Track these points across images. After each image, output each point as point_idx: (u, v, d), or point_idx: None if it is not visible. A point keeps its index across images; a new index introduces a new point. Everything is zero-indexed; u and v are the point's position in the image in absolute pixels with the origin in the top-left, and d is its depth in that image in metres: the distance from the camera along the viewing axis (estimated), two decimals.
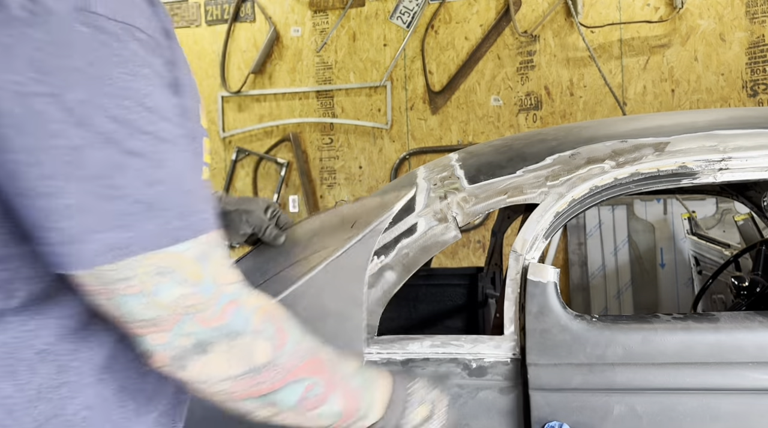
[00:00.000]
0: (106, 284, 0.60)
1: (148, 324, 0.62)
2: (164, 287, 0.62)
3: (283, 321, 0.71)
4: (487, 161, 1.47)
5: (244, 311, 0.67)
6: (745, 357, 1.18)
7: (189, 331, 0.63)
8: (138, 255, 0.60)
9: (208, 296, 0.64)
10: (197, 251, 0.63)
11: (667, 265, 3.80)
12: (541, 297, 1.23)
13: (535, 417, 1.19)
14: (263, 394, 0.69)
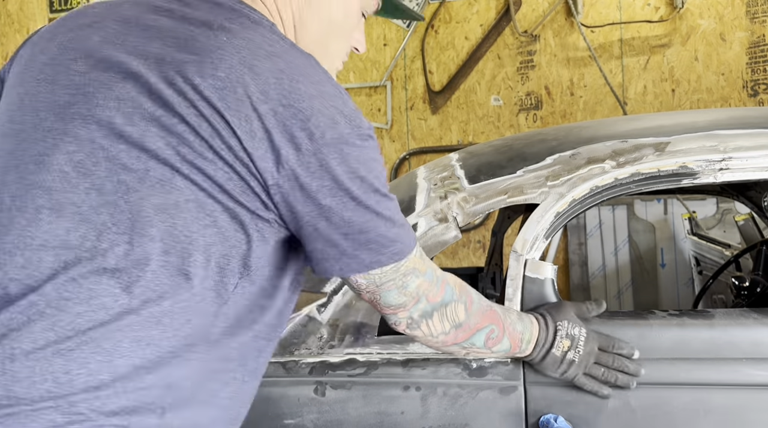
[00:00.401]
0: (378, 286, 0.92)
1: (398, 306, 0.96)
2: (408, 282, 0.94)
3: (469, 290, 1.05)
4: (488, 161, 1.47)
5: (449, 286, 1.01)
6: (739, 353, 1.19)
7: (422, 307, 0.97)
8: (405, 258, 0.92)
9: (431, 280, 0.97)
10: (419, 253, 0.96)
11: (668, 265, 3.81)
12: (539, 293, 1.24)
13: (531, 410, 1.21)
14: (464, 340, 1.05)
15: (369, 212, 0.87)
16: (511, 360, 1.24)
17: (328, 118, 0.82)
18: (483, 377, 1.24)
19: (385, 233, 0.89)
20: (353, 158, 0.85)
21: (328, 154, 0.82)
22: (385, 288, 0.93)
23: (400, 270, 0.92)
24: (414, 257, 0.94)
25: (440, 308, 0.99)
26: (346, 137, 0.84)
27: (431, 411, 1.23)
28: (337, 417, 1.25)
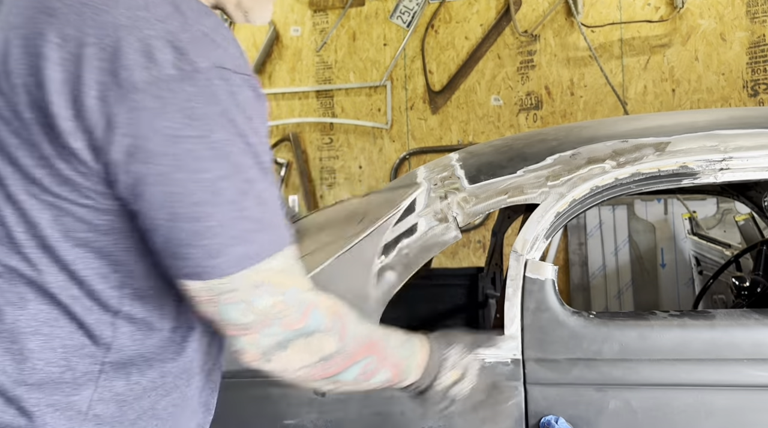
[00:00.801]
0: (216, 295, 0.73)
1: (242, 327, 0.75)
2: (260, 298, 0.74)
3: (345, 316, 0.84)
4: (488, 161, 1.47)
5: (318, 313, 0.80)
6: (740, 353, 1.19)
7: (275, 333, 0.76)
8: (256, 265, 0.72)
9: (292, 303, 0.77)
10: (283, 265, 0.76)
11: (668, 265, 3.80)
12: (539, 294, 1.24)
13: (532, 411, 1.20)
14: (330, 376, 0.83)
15: (204, 187, 0.69)
16: (511, 360, 1.23)
17: (143, 52, 0.67)
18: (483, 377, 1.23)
19: (228, 226, 0.71)
20: (178, 106, 0.67)
21: (141, 101, 0.67)
22: (224, 300, 0.73)
23: (251, 279, 0.73)
24: (275, 267, 0.74)
25: (300, 339, 0.78)
26: (169, 75, 0.67)
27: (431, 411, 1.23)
28: (337, 417, 1.25)
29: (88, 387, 0.77)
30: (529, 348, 1.23)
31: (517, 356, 1.23)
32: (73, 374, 0.76)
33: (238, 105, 0.71)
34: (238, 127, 0.70)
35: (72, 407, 0.76)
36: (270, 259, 0.74)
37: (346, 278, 1.25)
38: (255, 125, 0.73)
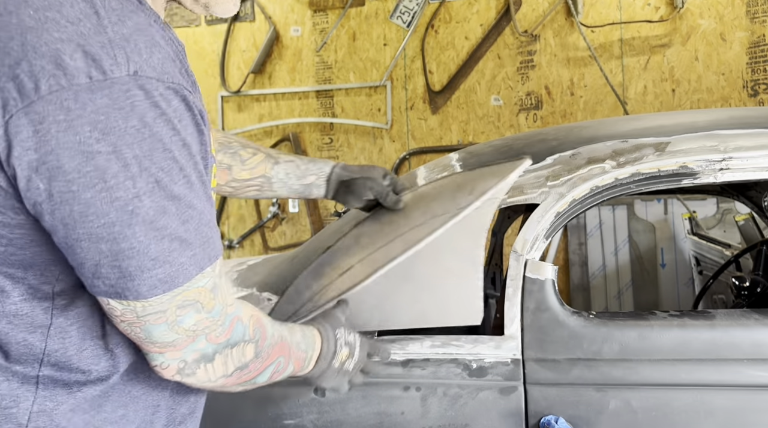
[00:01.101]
0: (140, 317, 0.70)
1: (167, 345, 0.74)
2: (184, 317, 0.72)
3: (264, 323, 0.86)
4: (488, 161, 1.47)
5: (243, 324, 0.81)
6: (740, 353, 1.19)
7: (199, 347, 0.76)
8: (179, 287, 0.70)
9: (217, 318, 0.76)
10: (211, 283, 0.74)
11: (668, 265, 3.80)
12: (539, 294, 1.24)
13: (532, 411, 1.20)
14: (246, 381, 0.85)
15: (117, 208, 0.64)
16: (511, 360, 1.24)
17: (49, 57, 0.60)
18: (483, 377, 1.23)
19: (141, 249, 0.66)
20: (88, 119, 0.61)
21: (49, 112, 0.60)
22: (149, 321, 0.71)
23: (175, 301, 0.70)
24: (197, 288, 0.72)
25: (224, 350, 0.79)
26: (79, 85, 0.61)
27: (431, 411, 1.23)
28: (337, 417, 1.25)
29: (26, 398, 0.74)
30: (529, 348, 1.23)
31: (517, 356, 1.23)
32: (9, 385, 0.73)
33: (161, 116, 0.65)
34: (160, 141, 0.65)
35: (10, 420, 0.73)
36: (196, 279, 0.71)
37: (458, 243, 1.26)
38: (182, 136, 0.67)
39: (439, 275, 1.25)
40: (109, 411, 0.78)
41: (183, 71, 0.72)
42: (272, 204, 4.37)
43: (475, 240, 1.25)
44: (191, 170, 0.69)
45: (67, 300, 0.75)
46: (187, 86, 0.70)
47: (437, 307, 1.24)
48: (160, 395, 0.85)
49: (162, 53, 0.67)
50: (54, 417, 0.74)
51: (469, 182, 1.31)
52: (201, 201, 0.71)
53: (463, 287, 1.24)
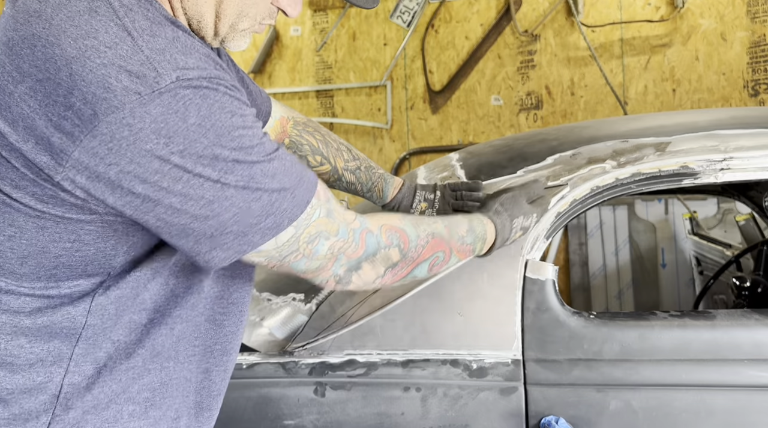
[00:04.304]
0: (281, 260, 0.81)
1: (315, 270, 0.85)
2: (317, 248, 0.83)
3: (402, 228, 0.94)
4: (488, 161, 1.47)
5: (374, 234, 0.90)
6: (741, 354, 1.19)
7: (343, 264, 0.87)
8: (287, 229, 0.78)
9: (346, 237, 0.86)
10: (323, 211, 0.83)
11: (669, 265, 3.80)
12: (540, 294, 1.24)
13: (532, 411, 1.20)
14: (403, 277, 0.96)
15: (208, 188, 0.72)
16: (511, 361, 1.23)
17: (97, 83, 0.66)
18: (483, 378, 1.23)
19: (245, 210, 0.75)
20: (151, 125, 0.67)
21: (114, 131, 0.67)
22: (290, 260, 0.82)
23: (301, 239, 0.81)
24: (314, 221, 0.82)
25: (367, 259, 0.89)
26: (130, 100, 0.67)
27: (431, 412, 1.22)
28: (337, 418, 1.24)
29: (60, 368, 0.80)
30: (530, 349, 1.23)
31: (517, 356, 1.23)
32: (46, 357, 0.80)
33: (214, 104, 0.71)
34: (222, 126, 0.71)
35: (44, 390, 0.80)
36: (306, 214, 0.80)
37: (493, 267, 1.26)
38: (240, 114, 0.74)
39: (471, 298, 1.25)
40: (134, 392, 0.84)
41: (220, 67, 0.78)
42: None
43: (510, 264, 1.25)
44: (257, 135, 0.76)
45: (112, 284, 0.81)
46: (227, 78, 0.76)
47: (468, 330, 1.24)
48: (187, 386, 0.90)
49: (197, 54, 0.73)
50: (82, 391, 0.81)
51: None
52: (277, 150, 0.79)
53: (496, 311, 1.24)
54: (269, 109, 1.26)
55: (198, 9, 0.84)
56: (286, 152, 0.82)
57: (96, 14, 0.69)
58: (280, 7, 0.90)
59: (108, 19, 0.69)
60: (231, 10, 0.84)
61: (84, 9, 0.69)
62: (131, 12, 0.71)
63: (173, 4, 0.84)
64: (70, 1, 0.70)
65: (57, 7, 0.70)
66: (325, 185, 0.88)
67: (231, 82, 0.76)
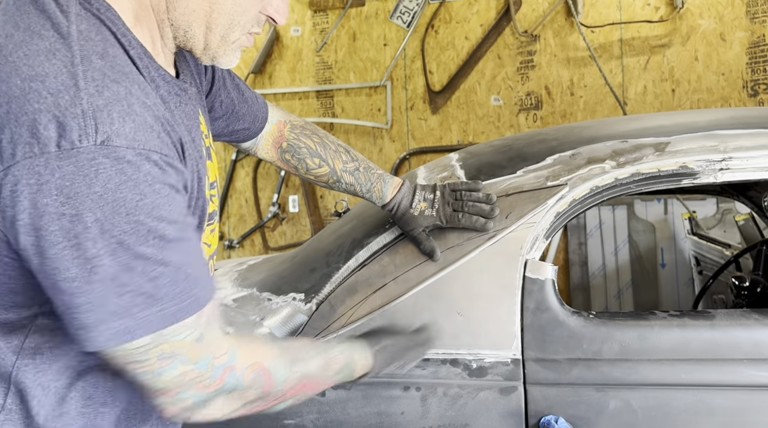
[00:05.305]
0: (125, 363, 0.75)
1: (158, 391, 0.77)
2: (167, 369, 0.76)
3: (271, 370, 0.88)
4: (488, 161, 1.47)
5: (236, 374, 0.83)
6: (740, 353, 1.19)
7: (190, 395, 0.79)
8: (141, 338, 0.73)
9: (206, 370, 0.79)
10: (196, 335, 0.77)
11: (668, 265, 3.80)
12: (539, 294, 1.24)
13: (532, 411, 1.20)
14: (262, 410, 0.89)
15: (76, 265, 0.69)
16: (511, 360, 1.23)
17: (27, 126, 0.67)
18: (483, 377, 1.23)
19: (99, 303, 0.70)
20: (57, 181, 0.66)
21: (23, 176, 0.67)
22: (134, 368, 0.75)
23: (153, 352, 0.74)
24: (178, 341, 0.75)
25: (219, 397, 0.82)
26: (50, 153, 0.66)
27: (431, 411, 1.23)
28: (337, 417, 1.25)
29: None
30: (529, 348, 1.23)
31: (517, 356, 1.23)
32: None
33: (127, 181, 0.69)
34: (123, 205, 0.69)
35: None
36: (172, 331, 0.74)
37: (492, 267, 1.26)
38: (151, 200, 0.71)
39: (471, 298, 1.25)
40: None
41: (164, 134, 0.76)
42: (272, 204, 4.38)
43: (509, 264, 1.25)
44: (165, 230, 0.72)
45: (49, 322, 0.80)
46: (162, 150, 0.73)
47: (468, 330, 1.25)
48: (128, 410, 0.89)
49: (137, 121, 0.71)
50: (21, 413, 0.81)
51: (506, 207, 1.31)
52: (180, 255, 0.74)
53: (495, 311, 1.24)
54: (266, 114, 1.26)
55: (186, 19, 0.83)
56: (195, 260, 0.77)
57: (53, 57, 0.69)
58: (268, 14, 0.89)
59: (62, 65, 0.69)
60: (222, 19, 0.84)
61: (43, 50, 0.69)
62: (88, 61, 0.70)
63: (158, 17, 0.83)
64: (33, 39, 0.70)
65: (19, 45, 0.70)
66: (216, 310, 0.82)
67: (167, 159, 0.74)
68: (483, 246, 1.26)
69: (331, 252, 1.47)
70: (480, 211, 1.28)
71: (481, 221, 1.27)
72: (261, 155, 1.29)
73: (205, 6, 0.82)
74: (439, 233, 1.31)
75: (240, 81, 1.20)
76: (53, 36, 0.70)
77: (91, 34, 0.73)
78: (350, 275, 1.36)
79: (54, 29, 0.71)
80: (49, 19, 0.72)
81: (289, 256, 1.75)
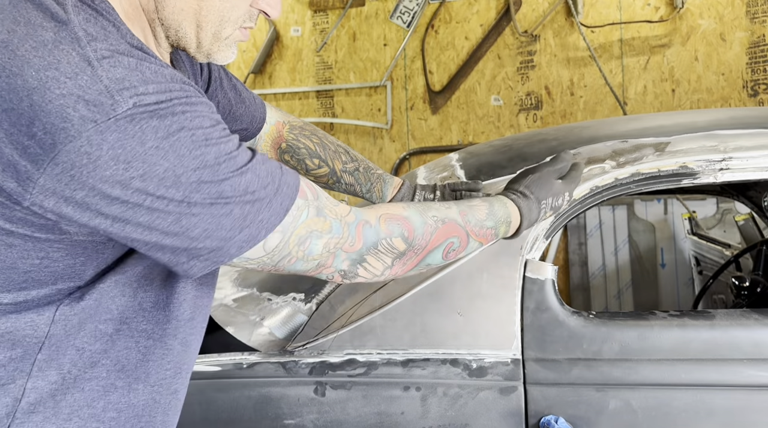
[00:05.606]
0: (275, 264, 0.81)
1: (316, 268, 0.84)
2: (311, 247, 0.82)
3: (405, 216, 0.92)
4: (488, 161, 1.47)
5: (370, 228, 0.88)
6: (740, 353, 1.19)
7: (343, 258, 0.85)
8: (268, 237, 0.78)
9: (341, 233, 0.84)
10: (311, 211, 0.82)
11: (668, 265, 3.80)
12: (539, 294, 1.24)
13: (532, 411, 1.20)
14: (415, 266, 0.94)
15: (174, 207, 0.72)
16: (511, 360, 1.24)
17: (56, 114, 0.68)
18: (483, 377, 1.23)
19: (215, 225, 0.75)
20: (109, 152, 0.69)
21: (74, 159, 0.68)
22: (285, 264, 0.82)
23: (291, 243, 0.80)
24: (302, 222, 0.81)
25: (369, 252, 0.87)
26: (86, 129, 0.68)
27: (431, 411, 1.23)
28: (337, 417, 1.25)
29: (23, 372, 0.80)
30: (529, 348, 1.23)
31: (517, 356, 1.23)
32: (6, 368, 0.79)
33: (172, 125, 0.71)
34: (181, 146, 0.71)
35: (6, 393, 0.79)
36: (292, 217, 0.79)
37: (492, 266, 1.26)
38: (201, 131, 0.74)
39: (471, 298, 1.25)
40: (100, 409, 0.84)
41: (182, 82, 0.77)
42: None
43: (509, 264, 1.26)
44: (224, 147, 0.75)
45: (79, 294, 0.81)
46: (188, 92, 0.75)
47: (468, 330, 1.25)
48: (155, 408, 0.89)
49: (157, 79, 0.73)
50: (45, 397, 0.81)
51: None
52: (248, 159, 0.78)
53: (495, 311, 1.25)
54: (264, 115, 1.26)
55: (175, 18, 0.83)
56: (263, 159, 0.81)
57: (60, 45, 0.70)
58: (260, 8, 0.89)
59: (71, 50, 0.70)
60: (212, 16, 0.84)
61: (49, 39, 0.70)
62: (94, 41, 0.72)
63: (149, 16, 0.84)
64: (36, 31, 0.71)
65: (23, 38, 0.71)
66: (312, 183, 0.86)
67: (197, 97, 0.76)
68: (483, 246, 1.26)
69: None
70: None
71: None
72: None
73: (193, 4, 0.83)
74: None
75: (237, 81, 1.20)
76: (55, 25, 0.71)
77: (90, 22, 0.74)
78: None
79: (53, 20, 0.72)
80: (47, 10, 0.73)
81: None
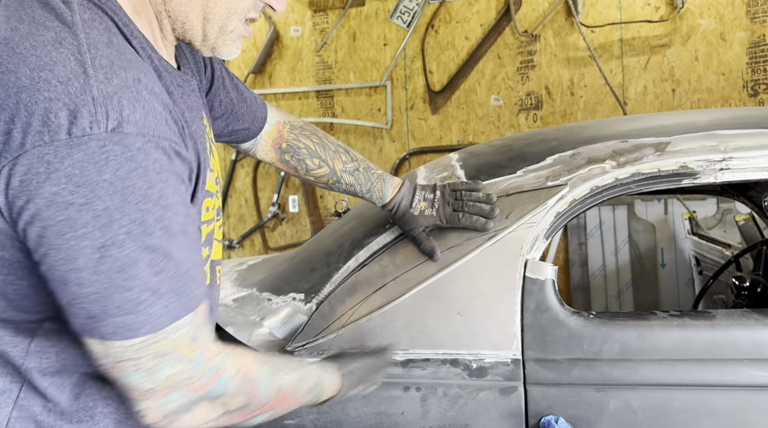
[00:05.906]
0: (116, 361, 0.73)
1: (145, 392, 0.76)
2: (162, 367, 0.74)
3: (255, 378, 0.87)
4: (488, 161, 1.47)
5: (224, 379, 0.82)
6: (740, 354, 1.19)
7: (176, 398, 0.77)
8: (144, 336, 0.72)
9: (197, 370, 0.78)
10: (190, 334, 0.76)
11: (668, 265, 3.80)
12: (539, 294, 1.24)
13: (532, 411, 1.20)
14: (238, 423, 0.88)
15: (85, 255, 0.68)
16: (511, 360, 1.23)
17: (37, 116, 0.66)
18: (483, 377, 1.23)
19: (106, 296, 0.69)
20: (65, 172, 0.66)
21: (33, 165, 0.66)
22: (125, 366, 0.73)
23: (150, 350, 0.73)
24: (175, 338, 0.74)
25: (205, 401, 0.81)
26: (60, 141, 0.66)
27: (431, 411, 1.23)
28: (337, 417, 1.25)
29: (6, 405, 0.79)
30: (529, 348, 1.23)
31: (516, 356, 1.23)
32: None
33: (137, 169, 0.68)
34: (133, 193, 0.68)
35: None
36: (170, 329, 0.73)
37: (492, 267, 1.26)
38: (160, 188, 0.70)
39: (471, 298, 1.25)
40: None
41: (171, 121, 0.75)
42: (272, 204, 4.37)
43: (509, 264, 1.25)
44: (171, 220, 0.72)
45: (55, 327, 0.80)
46: (170, 137, 0.73)
47: (468, 330, 1.24)
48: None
49: (147, 107, 0.71)
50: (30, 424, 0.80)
51: (507, 207, 1.30)
52: (182, 250, 0.74)
53: (495, 311, 1.24)
54: (265, 114, 1.26)
55: (182, 10, 0.83)
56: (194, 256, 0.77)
57: (60, 46, 0.69)
58: (266, 2, 0.88)
59: (70, 53, 0.68)
60: (219, 8, 0.83)
61: (50, 40, 0.69)
62: (95, 48, 0.70)
63: (156, 9, 0.83)
64: (38, 30, 0.70)
65: (25, 36, 0.69)
66: (207, 310, 0.81)
67: (176, 147, 0.73)
68: (483, 246, 1.26)
69: (331, 252, 1.46)
70: (480, 211, 1.28)
71: (481, 221, 1.27)
72: (260, 156, 1.29)
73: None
74: (439, 233, 1.31)
75: (239, 81, 1.20)
76: (58, 26, 0.70)
77: (95, 23, 0.73)
78: (350, 275, 1.36)
79: (58, 19, 0.71)
80: (53, 10, 0.72)
81: (288, 256, 1.75)
